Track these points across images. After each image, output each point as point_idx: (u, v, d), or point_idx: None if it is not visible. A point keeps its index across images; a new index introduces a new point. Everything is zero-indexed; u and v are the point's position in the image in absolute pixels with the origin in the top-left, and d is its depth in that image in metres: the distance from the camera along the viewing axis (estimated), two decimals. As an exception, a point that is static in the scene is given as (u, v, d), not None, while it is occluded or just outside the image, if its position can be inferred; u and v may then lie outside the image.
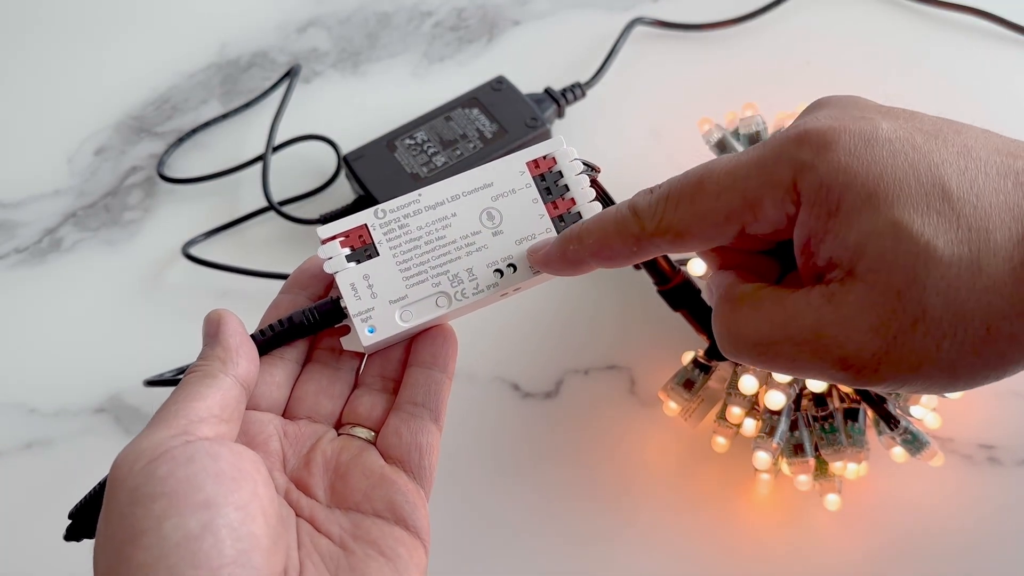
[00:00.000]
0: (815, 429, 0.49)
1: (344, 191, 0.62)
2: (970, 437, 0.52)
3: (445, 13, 0.71)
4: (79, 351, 0.58)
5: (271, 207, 0.60)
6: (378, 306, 0.36)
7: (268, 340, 0.36)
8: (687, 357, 0.52)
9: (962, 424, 0.52)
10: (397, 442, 0.36)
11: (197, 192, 0.63)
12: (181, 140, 0.65)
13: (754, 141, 0.55)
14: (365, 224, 0.37)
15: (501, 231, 0.37)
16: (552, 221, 0.38)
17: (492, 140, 0.60)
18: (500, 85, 0.62)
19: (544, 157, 0.38)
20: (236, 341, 0.34)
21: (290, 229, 0.61)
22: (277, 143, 0.63)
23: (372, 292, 0.36)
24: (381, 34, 0.70)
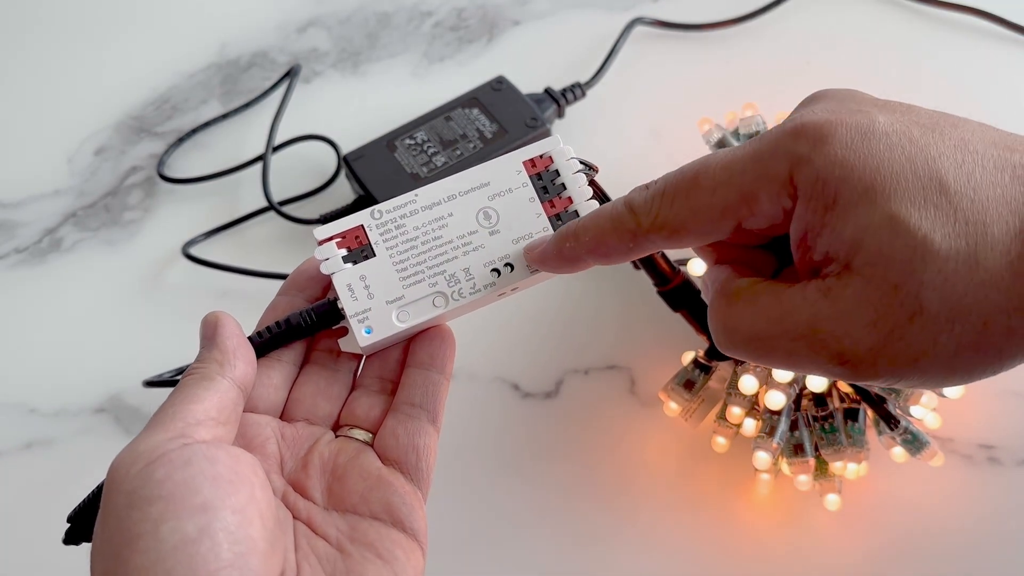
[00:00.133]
0: (815, 429, 0.49)
1: (344, 191, 0.62)
2: (970, 437, 0.52)
3: (445, 13, 0.71)
4: (79, 351, 0.58)
5: (271, 207, 0.60)
6: (375, 307, 0.36)
7: (265, 342, 0.36)
8: (687, 357, 0.52)
9: (962, 424, 0.52)
10: (394, 444, 0.36)
11: (197, 192, 0.63)
12: (181, 140, 0.65)
13: (754, 141, 0.55)
14: (361, 225, 0.37)
15: (498, 230, 0.37)
16: (549, 220, 0.38)
17: (492, 140, 0.60)
18: (500, 85, 0.62)
19: (541, 156, 0.38)
20: (233, 343, 0.34)
21: (290, 229, 0.61)
22: (277, 143, 0.63)
23: (369, 293, 0.36)
24: (381, 34, 0.70)
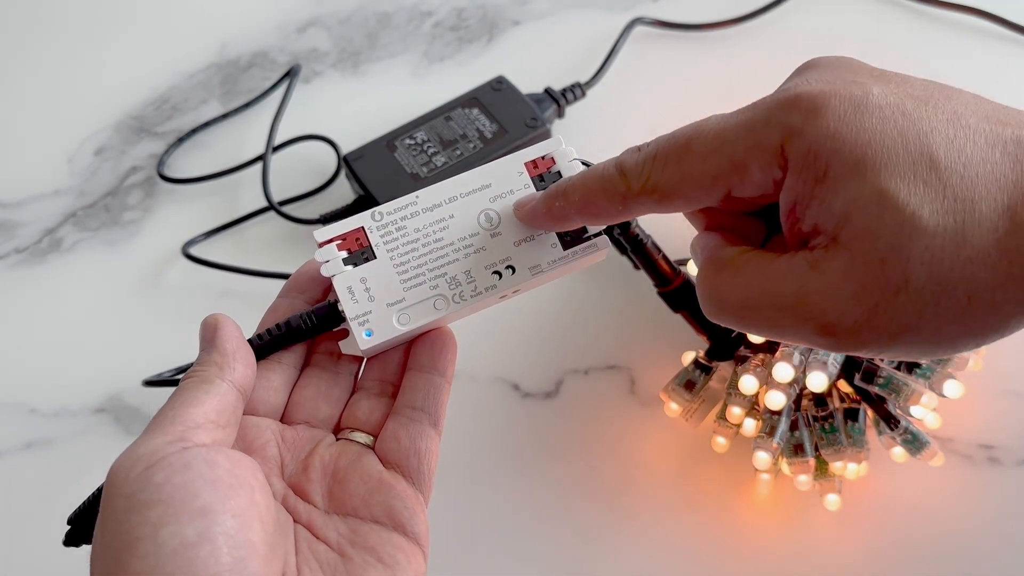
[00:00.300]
0: (815, 429, 0.49)
1: (344, 191, 0.62)
2: (970, 437, 0.52)
3: (445, 13, 0.71)
4: (79, 351, 0.58)
5: (271, 207, 0.60)
6: (375, 309, 0.36)
7: (265, 344, 0.36)
8: (687, 358, 0.52)
9: (962, 424, 0.52)
10: (396, 447, 0.36)
11: (197, 192, 0.63)
12: (181, 140, 0.65)
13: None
14: (362, 227, 0.37)
15: (499, 233, 0.37)
16: None
17: (492, 140, 0.60)
18: (500, 85, 0.62)
19: (543, 157, 0.38)
20: (233, 346, 0.34)
21: (290, 229, 0.61)
22: (277, 143, 0.63)
23: (369, 295, 0.36)
24: (381, 34, 0.70)
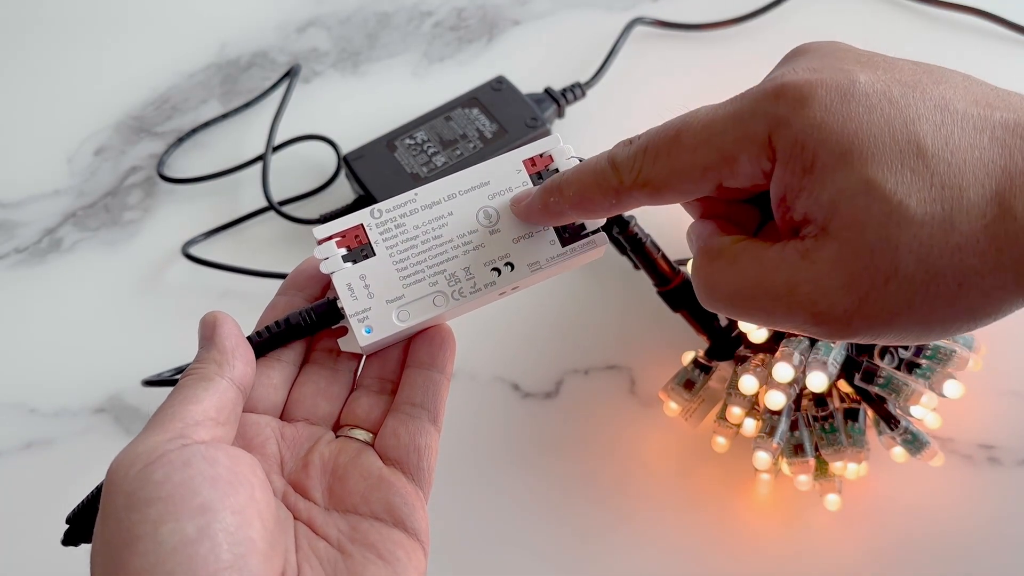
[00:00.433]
0: (815, 429, 0.49)
1: (344, 191, 0.62)
2: (970, 437, 0.52)
3: (445, 13, 0.71)
4: (79, 351, 0.58)
5: (271, 207, 0.60)
6: (375, 306, 0.36)
7: (265, 342, 0.36)
8: (687, 357, 0.52)
9: (962, 424, 0.52)
10: (395, 443, 0.36)
11: (197, 192, 0.63)
12: (181, 140, 0.65)
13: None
14: (361, 224, 0.37)
15: (498, 229, 0.37)
16: None
17: (492, 140, 0.60)
18: (500, 85, 0.62)
19: (541, 155, 0.38)
20: (232, 343, 0.34)
21: (290, 229, 0.61)
22: (277, 143, 0.63)
23: (369, 292, 0.36)
24: (381, 34, 0.70)
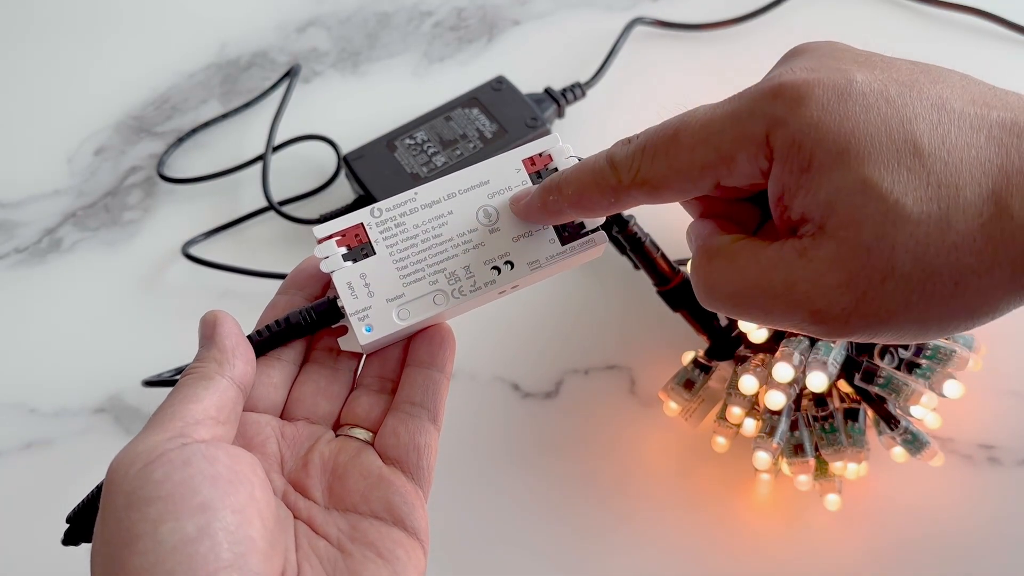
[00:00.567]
0: (815, 429, 0.49)
1: (344, 191, 0.62)
2: (970, 437, 0.52)
3: (445, 13, 0.71)
4: (79, 351, 0.58)
5: (271, 207, 0.60)
6: (375, 305, 0.36)
7: (265, 341, 0.36)
8: (687, 357, 0.52)
9: (962, 424, 0.52)
10: (395, 443, 0.36)
11: (197, 192, 0.63)
12: (181, 140, 0.65)
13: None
14: (361, 223, 0.37)
15: (498, 228, 0.37)
16: None
17: (492, 140, 0.60)
18: (500, 85, 0.62)
19: (540, 154, 0.38)
20: (232, 342, 0.34)
21: (290, 229, 0.61)
22: (277, 143, 0.63)
23: (369, 291, 0.36)
24: (381, 34, 0.70)
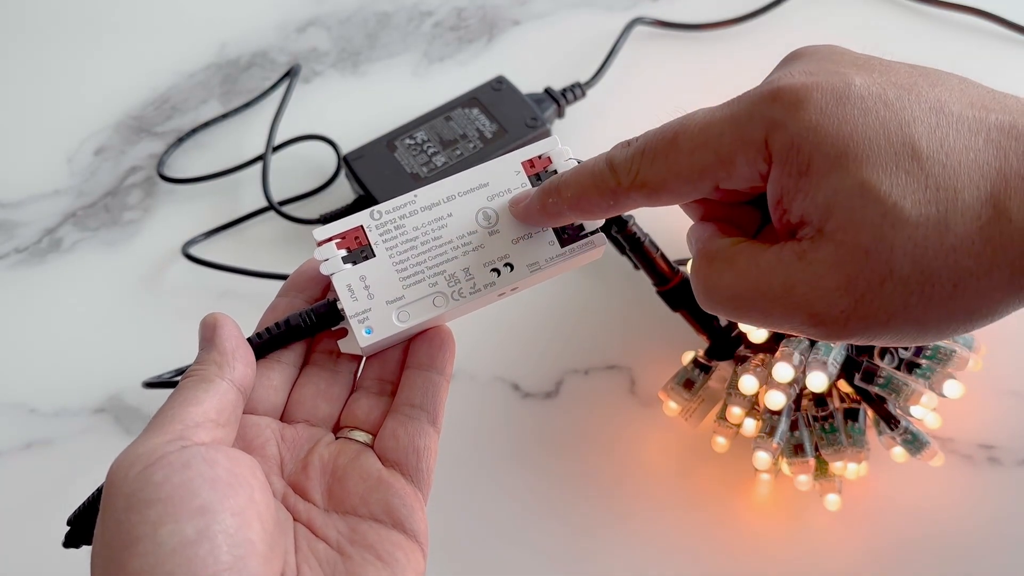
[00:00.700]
0: (815, 429, 0.49)
1: (344, 191, 0.62)
2: (970, 437, 0.52)
3: (445, 13, 0.71)
4: (79, 351, 0.58)
5: (271, 207, 0.60)
6: (375, 307, 0.36)
7: (265, 343, 0.36)
8: (687, 357, 0.52)
9: (962, 424, 0.52)
10: (394, 445, 0.36)
11: (197, 192, 0.63)
12: (181, 140, 0.65)
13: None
14: (361, 225, 0.37)
15: (497, 230, 0.37)
16: None
17: (492, 140, 0.60)
18: (500, 85, 0.62)
19: (539, 157, 0.38)
20: (232, 344, 0.34)
21: (290, 229, 0.61)
22: (277, 143, 0.63)
23: (369, 293, 0.36)
24: (381, 34, 0.70)
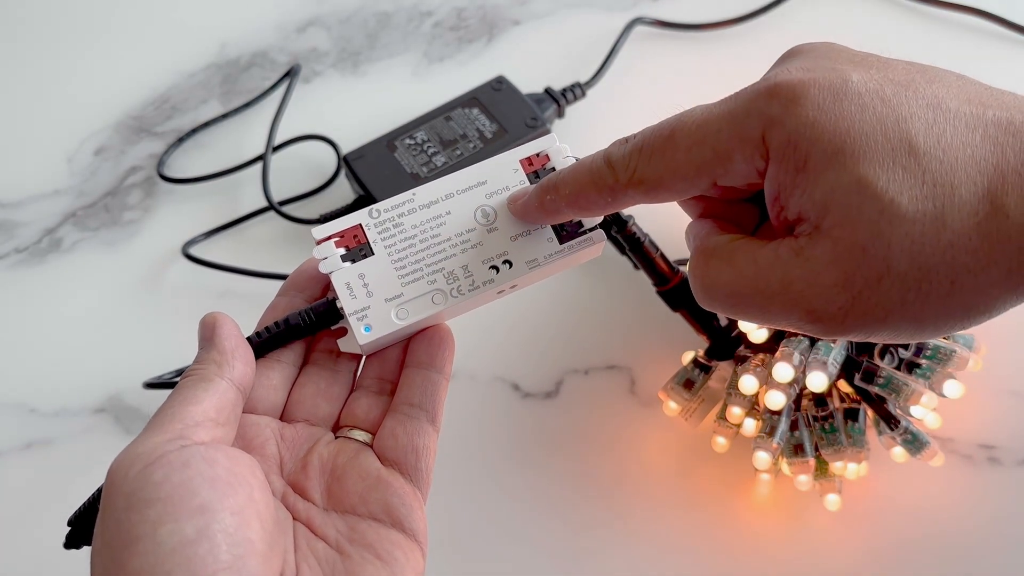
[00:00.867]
0: (815, 429, 0.49)
1: (344, 191, 0.62)
2: (970, 437, 0.52)
3: (445, 13, 0.71)
4: (79, 351, 0.58)
5: (271, 207, 0.60)
6: (374, 305, 0.36)
7: (264, 342, 0.36)
8: (687, 357, 0.52)
9: (962, 424, 0.52)
10: (393, 444, 0.36)
11: (197, 192, 0.63)
12: (181, 140, 0.65)
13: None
14: (360, 224, 0.37)
15: (496, 228, 0.37)
16: None
17: (492, 140, 0.60)
18: (500, 85, 0.62)
19: (538, 154, 0.38)
20: (232, 344, 0.34)
21: (290, 229, 0.61)
22: (277, 143, 0.63)
23: (368, 291, 0.36)
24: (381, 34, 0.70)
